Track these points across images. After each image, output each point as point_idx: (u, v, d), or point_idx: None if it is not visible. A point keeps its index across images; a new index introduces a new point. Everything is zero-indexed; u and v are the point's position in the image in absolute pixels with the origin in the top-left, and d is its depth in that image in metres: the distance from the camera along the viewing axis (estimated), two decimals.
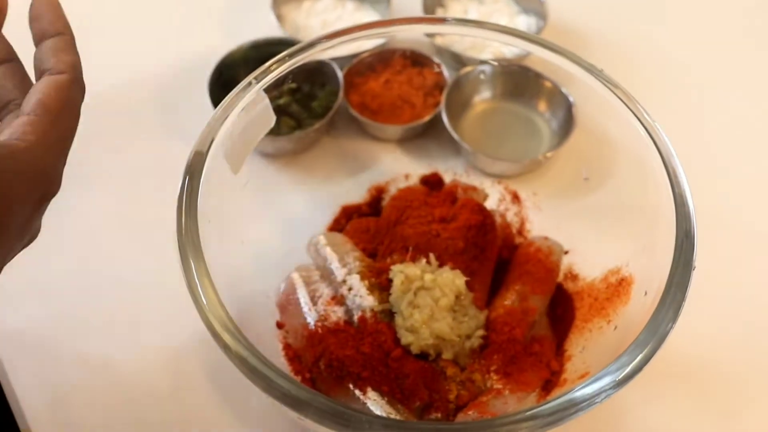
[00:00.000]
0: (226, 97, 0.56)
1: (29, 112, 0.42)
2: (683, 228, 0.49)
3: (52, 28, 0.45)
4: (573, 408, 0.43)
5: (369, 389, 0.55)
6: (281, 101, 0.71)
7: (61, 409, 0.61)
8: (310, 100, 0.77)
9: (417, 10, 0.88)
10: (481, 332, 0.58)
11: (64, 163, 0.44)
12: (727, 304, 0.68)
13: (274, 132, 0.61)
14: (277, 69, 0.58)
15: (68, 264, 0.69)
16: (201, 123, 0.55)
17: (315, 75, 0.77)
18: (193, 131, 0.54)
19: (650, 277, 0.51)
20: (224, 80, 0.78)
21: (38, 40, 0.46)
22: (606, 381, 0.44)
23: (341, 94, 0.76)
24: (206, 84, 0.77)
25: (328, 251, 0.62)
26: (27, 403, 0.61)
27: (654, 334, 0.45)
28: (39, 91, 0.43)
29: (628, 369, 0.44)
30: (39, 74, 0.45)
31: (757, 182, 0.77)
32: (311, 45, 0.60)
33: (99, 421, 0.60)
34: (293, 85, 0.66)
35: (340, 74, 0.76)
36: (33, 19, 0.46)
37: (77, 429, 0.60)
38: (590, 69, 0.59)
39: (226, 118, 0.55)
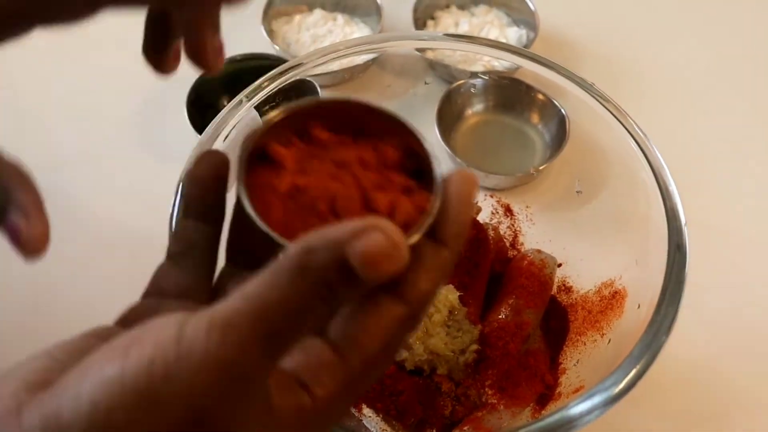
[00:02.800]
0: (218, 116, 0.56)
1: (341, 348, 0.30)
2: (675, 241, 0.50)
3: None
4: (566, 425, 0.42)
5: (363, 406, 0.54)
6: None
7: None
8: None
9: (408, 23, 0.88)
10: (475, 347, 0.58)
11: None
12: (720, 314, 0.68)
13: None
14: (268, 86, 0.58)
15: (63, 280, 0.69)
16: (179, 140, 0.54)
17: (289, 91, 0.76)
18: (173, 148, 0.54)
19: (643, 291, 0.51)
20: (201, 98, 0.78)
21: None
22: (600, 398, 0.44)
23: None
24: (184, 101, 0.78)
25: None
26: None
27: (647, 349, 0.45)
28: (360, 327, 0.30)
29: (621, 384, 0.44)
30: None
31: (748, 194, 0.78)
32: (302, 62, 0.60)
33: None
34: (273, 103, 0.66)
35: (318, 88, 0.76)
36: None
37: None
38: (581, 83, 0.59)
39: (218, 136, 0.55)
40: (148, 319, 0.28)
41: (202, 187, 0.36)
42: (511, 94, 0.78)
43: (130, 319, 0.34)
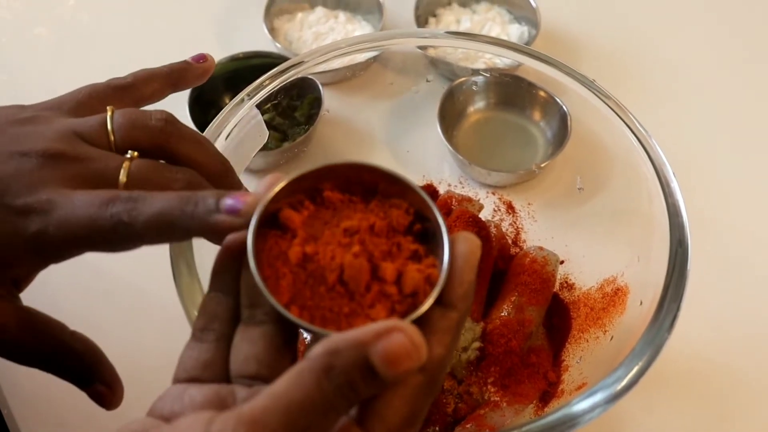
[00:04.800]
0: (219, 114, 0.56)
1: (366, 424, 0.31)
2: (677, 237, 0.49)
3: None
4: (569, 423, 0.42)
5: None
6: (265, 117, 0.72)
7: (58, 424, 0.61)
8: (292, 111, 0.77)
9: (410, 20, 0.88)
10: (477, 344, 0.58)
11: None
12: (722, 309, 0.68)
13: (263, 147, 0.61)
14: (270, 84, 0.59)
15: (64, 276, 0.69)
16: None
17: (290, 89, 0.77)
18: None
19: (645, 287, 0.51)
20: (203, 96, 0.79)
21: None
22: (602, 395, 0.43)
23: (323, 100, 0.76)
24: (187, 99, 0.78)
25: None
26: (22, 418, 0.61)
27: (650, 346, 0.45)
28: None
29: (624, 382, 0.44)
30: None
31: (750, 189, 0.78)
32: (303, 60, 0.60)
33: None
34: (275, 101, 0.66)
35: (320, 86, 0.76)
36: None
37: None
38: (582, 80, 0.59)
39: (219, 134, 0.55)
40: (171, 409, 0.31)
41: (234, 259, 0.36)
42: (512, 92, 0.77)
43: (158, 407, 0.34)
